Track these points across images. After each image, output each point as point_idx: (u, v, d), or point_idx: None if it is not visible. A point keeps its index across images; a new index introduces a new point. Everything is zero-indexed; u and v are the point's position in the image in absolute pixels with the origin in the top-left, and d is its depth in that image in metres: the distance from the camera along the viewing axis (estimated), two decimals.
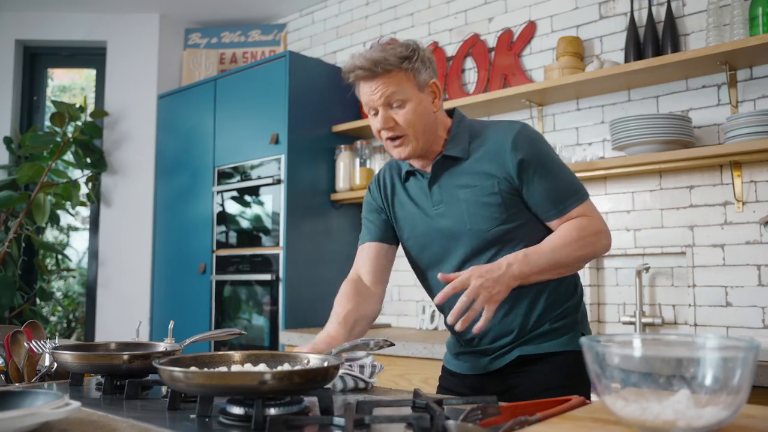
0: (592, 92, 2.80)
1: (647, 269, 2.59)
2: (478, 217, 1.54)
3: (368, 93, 1.54)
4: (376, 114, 1.57)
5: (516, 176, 1.51)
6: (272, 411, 1.06)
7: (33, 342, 1.48)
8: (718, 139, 2.50)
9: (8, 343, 1.46)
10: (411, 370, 2.61)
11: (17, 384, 1.46)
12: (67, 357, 1.34)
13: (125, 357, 1.34)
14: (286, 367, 1.18)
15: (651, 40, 2.64)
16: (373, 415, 1.01)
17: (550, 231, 1.56)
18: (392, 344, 1.30)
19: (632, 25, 2.69)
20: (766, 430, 0.84)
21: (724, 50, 2.34)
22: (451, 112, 1.67)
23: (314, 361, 1.20)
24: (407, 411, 1.07)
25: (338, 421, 0.96)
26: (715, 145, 2.43)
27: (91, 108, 4.14)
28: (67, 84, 5.16)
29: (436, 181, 1.61)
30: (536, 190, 1.52)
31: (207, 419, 1.08)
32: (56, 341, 1.59)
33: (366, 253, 1.72)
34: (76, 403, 1.00)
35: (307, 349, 1.36)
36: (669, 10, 2.63)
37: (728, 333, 2.42)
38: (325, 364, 1.12)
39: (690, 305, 2.52)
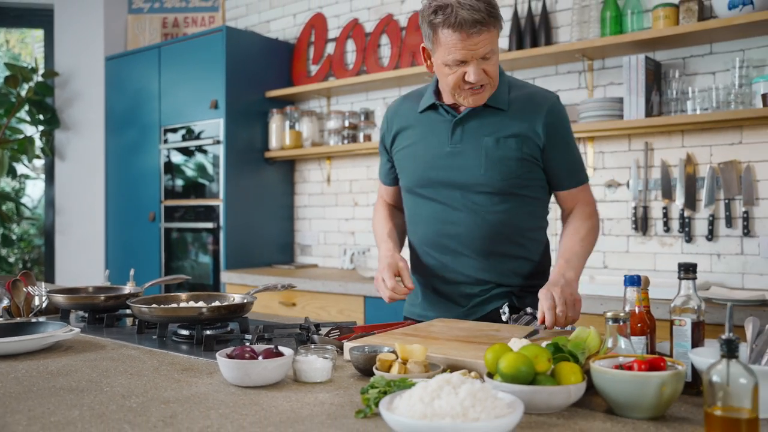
0: None
1: None
2: (495, 166, 1.63)
3: (468, 46, 1.51)
4: (459, 64, 1.54)
5: (543, 135, 1.63)
6: (208, 332, 1.61)
7: (29, 287, 1.99)
8: (578, 116, 3.09)
9: (10, 287, 1.96)
10: (329, 304, 3.20)
11: (18, 318, 1.96)
12: (60, 298, 1.86)
13: (102, 298, 1.87)
14: (217, 303, 1.73)
15: (529, 31, 3.17)
16: (273, 333, 1.58)
17: (548, 195, 1.75)
18: (294, 287, 1.86)
19: (515, 17, 3.21)
20: None
21: (581, 47, 2.90)
22: None
23: (237, 299, 1.76)
24: (296, 330, 1.64)
25: (249, 336, 1.52)
26: (574, 123, 3.03)
27: (42, 69, 4.46)
28: None
29: (462, 123, 1.67)
30: (556, 158, 1.66)
31: (164, 339, 1.63)
32: (43, 286, 2.10)
33: (386, 189, 1.93)
34: (77, 329, 1.53)
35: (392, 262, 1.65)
36: (544, 5, 3.15)
37: None
38: (244, 301, 1.68)
39: (553, 250, 3.15)
